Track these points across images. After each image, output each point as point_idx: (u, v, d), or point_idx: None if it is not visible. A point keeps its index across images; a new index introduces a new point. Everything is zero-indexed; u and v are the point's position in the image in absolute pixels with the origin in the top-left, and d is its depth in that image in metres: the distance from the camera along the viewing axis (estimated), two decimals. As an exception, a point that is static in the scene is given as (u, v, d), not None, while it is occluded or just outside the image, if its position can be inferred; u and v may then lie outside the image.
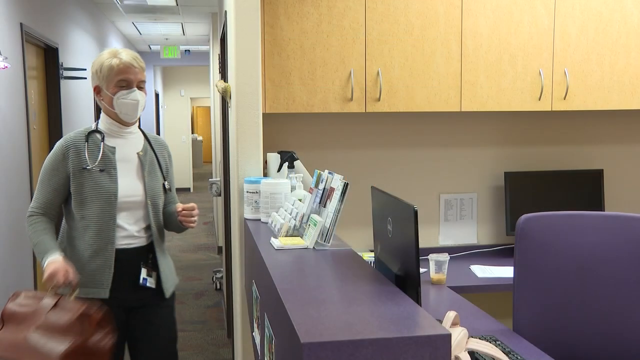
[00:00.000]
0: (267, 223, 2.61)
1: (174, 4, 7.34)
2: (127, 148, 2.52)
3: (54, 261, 2.34)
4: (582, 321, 2.18)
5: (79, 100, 6.34)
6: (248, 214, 2.75)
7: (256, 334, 2.23)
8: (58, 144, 2.47)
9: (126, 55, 2.46)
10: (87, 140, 2.45)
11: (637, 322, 2.09)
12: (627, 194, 3.77)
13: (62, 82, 5.60)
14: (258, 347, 2.17)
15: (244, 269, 2.87)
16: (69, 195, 2.47)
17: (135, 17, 8.50)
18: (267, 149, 3.32)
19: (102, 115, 2.51)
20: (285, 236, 2.24)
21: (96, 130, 2.49)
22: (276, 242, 2.17)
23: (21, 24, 4.43)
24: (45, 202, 2.46)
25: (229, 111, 3.46)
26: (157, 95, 14.65)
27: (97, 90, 2.48)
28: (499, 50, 3.21)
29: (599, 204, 3.55)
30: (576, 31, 3.27)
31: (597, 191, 3.55)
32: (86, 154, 2.44)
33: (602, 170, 3.57)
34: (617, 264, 2.11)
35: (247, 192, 2.75)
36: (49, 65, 5.41)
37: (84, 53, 6.65)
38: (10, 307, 2.28)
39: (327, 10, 3.04)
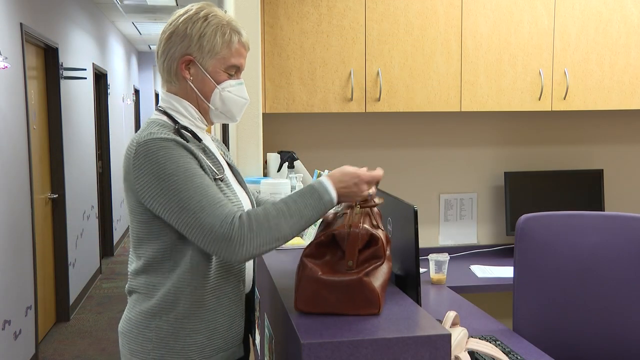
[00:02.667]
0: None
1: (174, 4, 7.34)
2: (212, 149, 1.76)
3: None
4: (582, 321, 2.18)
5: (79, 100, 6.34)
6: (248, 214, 2.75)
7: (256, 334, 2.23)
8: (166, 144, 1.54)
9: (243, 30, 1.71)
10: (187, 141, 1.63)
11: (637, 322, 2.09)
12: (627, 194, 3.77)
13: (62, 82, 5.60)
14: (258, 347, 2.17)
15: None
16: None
17: (135, 17, 8.50)
18: (267, 149, 3.32)
19: (180, 102, 1.69)
20: (285, 236, 2.23)
21: (183, 127, 1.66)
22: (276, 242, 2.16)
23: (21, 24, 4.43)
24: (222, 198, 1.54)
25: (229, 111, 3.46)
26: (157, 95, 14.65)
27: (188, 62, 1.65)
28: (499, 50, 3.21)
29: (599, 204, 3.55)
30: (576, 31, 3.27)
31: (597, 191, 3.55)
32: (205, 160, 1.65)
33: (602, 170, 3.57)
34: (617, 264, 2.11)
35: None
36: (49, 65, 5.40)
37: (84, 53, 6.65)
38: None
39: (327, 10, 3.04)
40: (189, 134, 1.65)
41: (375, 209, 1.64)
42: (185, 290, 1.60)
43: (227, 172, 1.76)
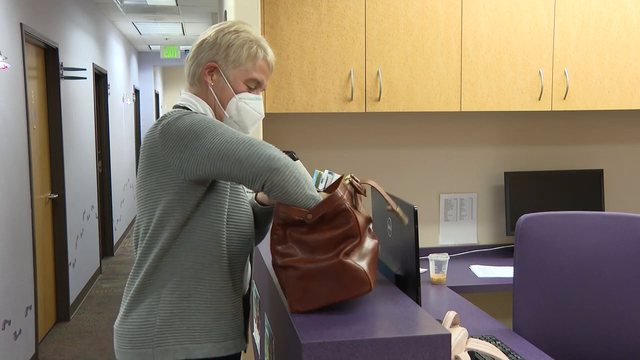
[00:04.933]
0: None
1: (174, 4, 7.34)
2: None
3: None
4: (582, 321, 2.18)
5: (79, 100, 6.34)
6: (248, 214, 2.75)
7: (256, 334, 2.23)
8: (199, 116, 1.64)
9: (270, 50, 1.82)
10: None
11: (637, 322, 2.09)
12: (627, 194, 3.77)
13: (62, 82, 5.60)
14: (258, 347, 2.17)
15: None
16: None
17: (135, 17, 8.50)
18: (267, 149, 3.31)
19: (200, 102, 1.77)
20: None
21: None
22: (276, 242, 2.16)
23: (21, 24, 4.43)
24: None
25: (229, 111, 3.46)
26: (157, 95, 14.65)
27: (212, 69, 1.75)
28: (499, 50, 3.21)
29: (599, 204, 3.55)
30: (576, 31, 3.27)
31: (597, 191, 3.55)
32: None
33: (602, 170, 3.57)
34: (617, 264, 2.11)
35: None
36: (49, 65, 5.41)
37: (84, 53, 6.65)
38: None
39: (327, 10, 3.04)
40: None
41: (364, 209, 1.67)
42: (191, 268, 1.64)
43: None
